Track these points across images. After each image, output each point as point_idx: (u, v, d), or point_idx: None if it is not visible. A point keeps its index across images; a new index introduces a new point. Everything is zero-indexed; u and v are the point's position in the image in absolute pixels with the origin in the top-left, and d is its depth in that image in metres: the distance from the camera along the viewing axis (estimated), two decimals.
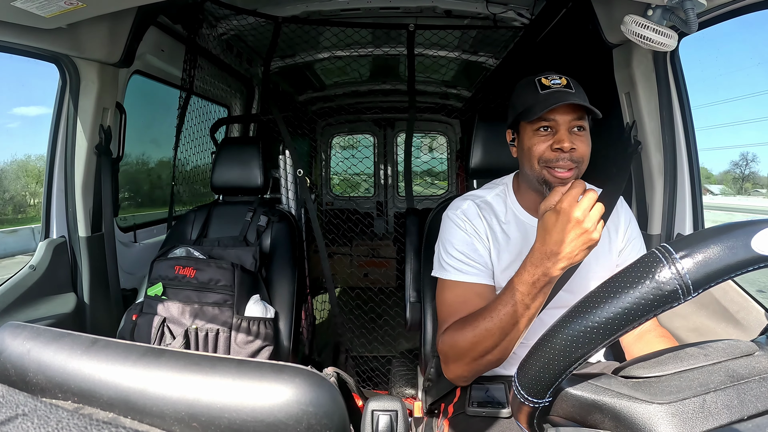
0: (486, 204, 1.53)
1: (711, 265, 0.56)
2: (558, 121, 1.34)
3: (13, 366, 0.56)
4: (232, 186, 2.29)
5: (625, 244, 1.54)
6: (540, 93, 1.36)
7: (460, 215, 1.50)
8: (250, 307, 1.90)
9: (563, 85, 1.36)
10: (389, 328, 3.18)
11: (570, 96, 1.33)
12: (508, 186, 1.57)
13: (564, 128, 1.34)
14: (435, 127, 6.08)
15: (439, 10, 2.85)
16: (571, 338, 0.61)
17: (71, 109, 2.05)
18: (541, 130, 1.37)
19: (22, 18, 1.49)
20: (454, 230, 1.49)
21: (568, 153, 1.33)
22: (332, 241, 3.72)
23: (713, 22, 1.58)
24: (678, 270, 0.56)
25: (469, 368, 1.32)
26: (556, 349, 0.62)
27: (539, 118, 1.35)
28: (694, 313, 1.69)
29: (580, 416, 0.67)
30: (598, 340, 0.60)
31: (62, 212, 2.13)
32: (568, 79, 1.38)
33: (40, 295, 1.99)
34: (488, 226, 1.48)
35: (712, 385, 0.63)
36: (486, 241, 1.47)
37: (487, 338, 1.24)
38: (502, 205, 1.53)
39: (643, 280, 0.57)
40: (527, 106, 1.37)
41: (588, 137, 1.38)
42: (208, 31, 2.97)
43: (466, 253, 1.45)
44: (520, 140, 1.44)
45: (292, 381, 0.50)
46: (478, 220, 1.48)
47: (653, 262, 0.57)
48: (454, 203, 1.55)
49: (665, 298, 0.56)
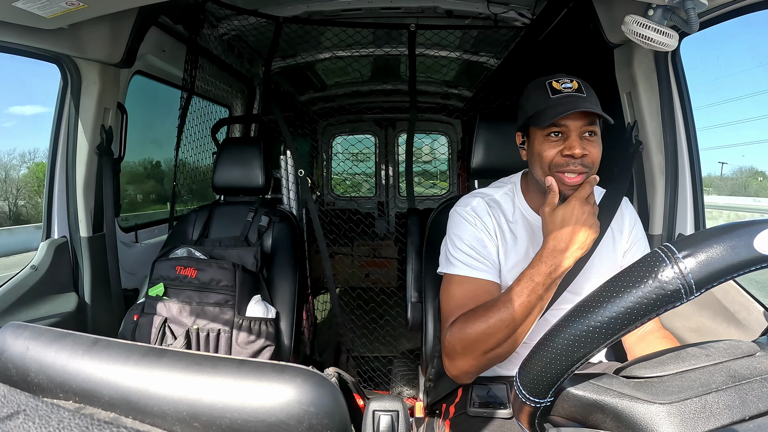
0: (494, 202, 1.52)
1: (714, 265, 0.56)
2: (569, 127, 1.32)
3: (15, 366, 0.57)
4: (233, 186, 2.29)
5: (630, 245, 1.53)
6: (551, 97, 1.34)
7: (469, 211, 1.48)
8: (252, 307, 1.90)
9: (574, 89, 1.34)
10: (390, 329, 3.18)
11: (581, 102, 1.31)
12: (516, 185, 1.56)
13: (575, 134, 1.32)
14: (436, 127, 6.08)
15: (440, 10, 2.85)
16: (573, 338, 0.61)
17: (72, 110, 2.06)
18: (552, 135, 1.35)
19: (23, 18, 1.49)
20: (463, 225, 1.47)
21: (580, 159, 1.32)
22: (333, 241, 3.72)
23: (714, 21, 1.58)
24: (681, 269, 0.56)
25: (477, 362, 1.31)
26: (559, 348, 0.62)
27: (550, 124, 1.33)
28: (695, 314, 1.69)
29: (581, 416, 0.67)
30: (601, 340, 0.60)
31: (63, 212, 2.13)
32: (579, 81, 1.36)
33: (41, 295, 2.00)
34: (497, 224, 1.47)
35: (713, 386, 0.63)
36: (495, 239, 1.46)
37: (500, 329, 1.24)
38: (510, 204, 1.52)
39: (646, 279, 0.57)
40: (537, 110, 1.36)
41: (599, 141, 1.36)
42: (209, 32, 2.97)
43: (475, 248, 1.43)
44: (530, 144, 1.42)
45: (293, 381, 0.50)
46: (488, 217, 1.47)
47: (656, 262, 0.57)
48: (463, 200, 1.54)
49: (668, 298, 0.56)
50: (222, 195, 2.44)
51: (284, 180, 2.79)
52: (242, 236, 2.16)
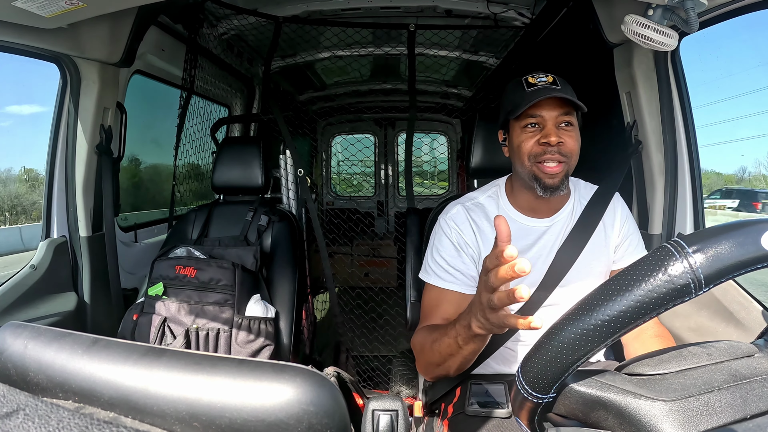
0: (477, 206, 1.56)
1: (723, 261, 0.56)
2: (545, 117, 1.38)
3: (14, 365, 0.57)
4: (232, 186, 2.29)
5: (621, 240, 1.55)
6: (526, 91, 1.39)
7: (449, 221, 1.54)
8: (251, 307, 1.90)
9: (549, 82, 1.39)
10: (390, 328, 3.18)
11: (555, 91, 1.36)
12: (501, 187, 1.59)
13: (551, 123, 1.38)
14: (436, 127, 6.08)
15: (439, 10, 2.85)
16: (580, 332, 0.60)
17: (72, 109, 2.05)
18: (529, 126, 1.40)
19: (22, 18, 1.49)
20: (441, 237, 1.54)
21: (556, 146, 1.36)
22: (333, 241, 3.72)
23: (714, 21, 1.58)
24: (691, 264, 0.56)
25: (432, 372, 1.42)
26: (565, 342, 0.61)
27: (526, 115, 1.39)
28: (694, 313, 1.69)
29: (582, 413, 0.67)
30: (609, 334, 0.59)
31: (63, 212, 2.13)
32: (555, 76, 1.42)
33: (40, 295, 2.00)
34: (478, 228, 1.51)
35: (715, 384, 0.63)
36: (473, 248, 1.50)
37: (435, 355, 1.32)
38: (494, 206, 1.56)
39: (656, 273, 0.57)
40: (514, 105, 1.41)
41: (576, 133, 1.41)
42: (209, 31, 2.97)
43: (447, 260, 1.50)
44: (510, 139, 1.47)
45: (292, 380, 0.50)
46: (467, 224, 1.52)
47: (666, 256, 0.57)
48: (447, 207, 1.59)
49: (677, 292, 0.56)
50: (221, 194, 2.44)
51: (283, 179, 2.79)
52: (242, 236, 2.16)
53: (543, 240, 1.50)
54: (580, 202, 1.55)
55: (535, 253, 1.49)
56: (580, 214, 1.52)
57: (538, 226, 1.51)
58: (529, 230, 1.51)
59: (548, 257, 1.48)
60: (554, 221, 1.51)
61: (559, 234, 1.50)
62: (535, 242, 1.50)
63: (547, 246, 1.50)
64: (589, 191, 1.58)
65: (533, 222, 1.51)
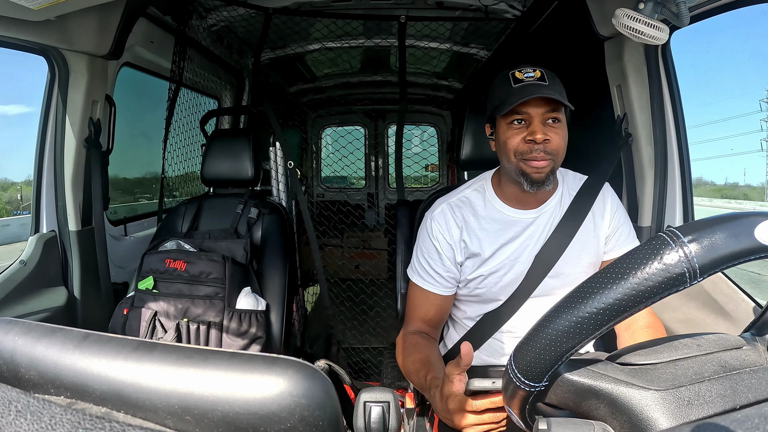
0: (463, 201, 1.58)
1: (717, 251, 0.56)
2: (531, 114, 1.38)
3: (5, 362, 0.56)
4: (222, 178, 2.28)
5: (612, 230, 1.56)
6: (513, 86, 1.39)
7: (434, 220, 1.56)
8: (242, 300, 1.90)
9: (536, 78, 1.39)
10: (381, 320, 3.19)
11: (542, 89, 1.35)
12: (487, 181, 1.60)
13: (537, 120, 1.37)
14: (426, 119, 6.08)
15: (430, 2, 2.84)
16: (575, 320, 0.61)
17: (60, 102, 2.03)
18: (515, 123, 1.40)
19: (9, 10, 1.47)
20: (425, 239, 1.58)
21: (542, 144, 1.36)
22: (323, 233, 3.72)
23: (705, 15, 1.59)
24: (686, 253, 0.56)
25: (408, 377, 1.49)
26: (560, 330, 0.62)
27: (512, 112, 1.38)
28: (684, 305, 1.71)
29: (574, 402, 0.67)
30: (603, 322, 0.59)
31: (52, 206, 2.11)
32: (543, 70, 1.41)
33: (30, 290, 1.98)
34: (464, 223, 1.53)
35: (706, 375, 0.64)
36: (457, 246, 1.53)
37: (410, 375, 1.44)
38: (481, 200, 1.57)
39: (651, 262, 0.57)
40: (501, 100, 1.40)
41: (564, 129, 1.41)
42: (198, 23, 2.94)
43: (428, 262, 1.55)
44: (497, 134, 1.48)
45: (284, 373, 0.50)
46: (452, 221, 1.54)
47: (661, 245, 0.57)
48: (434, 205, 1.61)
49: (672, 281, 0.56)
50: (211, 187, 2.43)
51: (274, 172, 2.78)
52: (232, 228, 2.16)
53: (529, 230, 1.51)
54: (568, 193, 1.55)
55: (522, 244, 1.50)
56: (569, 204, 1.53)
57: (525, 217, 1.52)
58: (515, 222, 1.51)
59: (535, 247, 1.49)
60: (541, 212, 1.52)
61: (547, 224, 1.51)
62: (521, 232, 1.50)
63: (534, 236, 1.50)
64: (578, 182, 1.58)
65: (520, 214, 1.52)
